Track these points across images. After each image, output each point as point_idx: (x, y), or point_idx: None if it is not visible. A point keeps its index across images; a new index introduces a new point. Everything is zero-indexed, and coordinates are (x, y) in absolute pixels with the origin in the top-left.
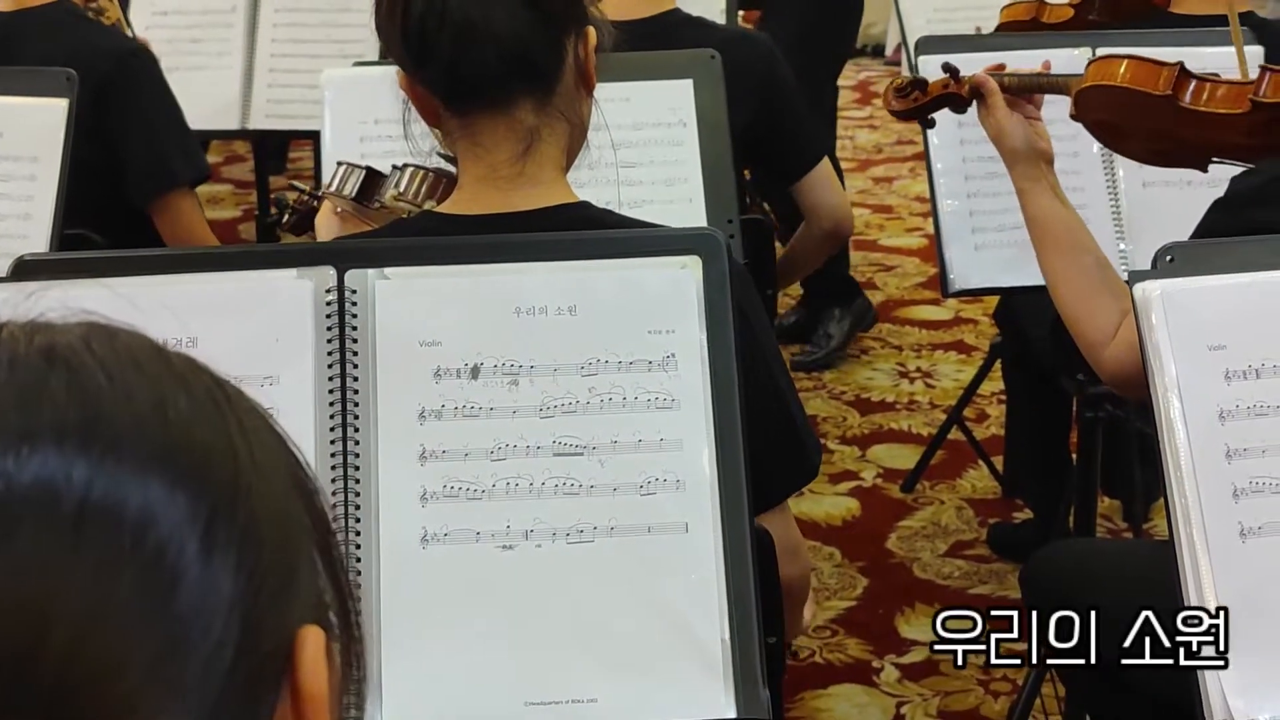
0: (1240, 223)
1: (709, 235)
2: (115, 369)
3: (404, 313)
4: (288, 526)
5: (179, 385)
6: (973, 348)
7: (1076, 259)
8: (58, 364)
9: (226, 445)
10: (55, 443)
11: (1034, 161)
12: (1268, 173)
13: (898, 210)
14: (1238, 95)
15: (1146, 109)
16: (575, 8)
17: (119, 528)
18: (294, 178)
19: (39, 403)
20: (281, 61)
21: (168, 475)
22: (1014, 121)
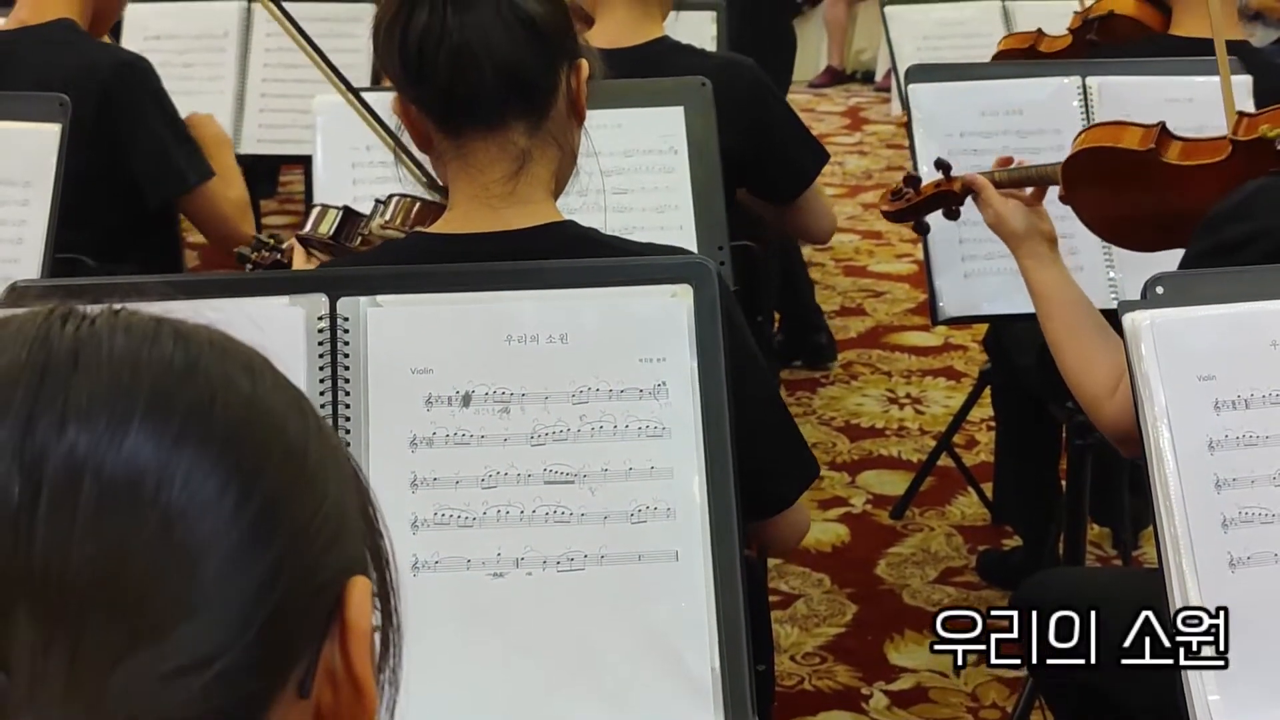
0: (1218, 238)
1: (700, 264)
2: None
3: (396, 340)
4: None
5: (268, 368)
6: (962, 374)
7: (1078, 324)
8: (167, 330)
9: (302, 437)
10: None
11: (1037, 240)
12: (1244, 190)
13: (887, 236)
14: (1217, 145)
15: (1131, 171)
16: (569, 38)
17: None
18: (285, 201)
19: (149, 359)
20: (273, 86)
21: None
22: (1010, 207)
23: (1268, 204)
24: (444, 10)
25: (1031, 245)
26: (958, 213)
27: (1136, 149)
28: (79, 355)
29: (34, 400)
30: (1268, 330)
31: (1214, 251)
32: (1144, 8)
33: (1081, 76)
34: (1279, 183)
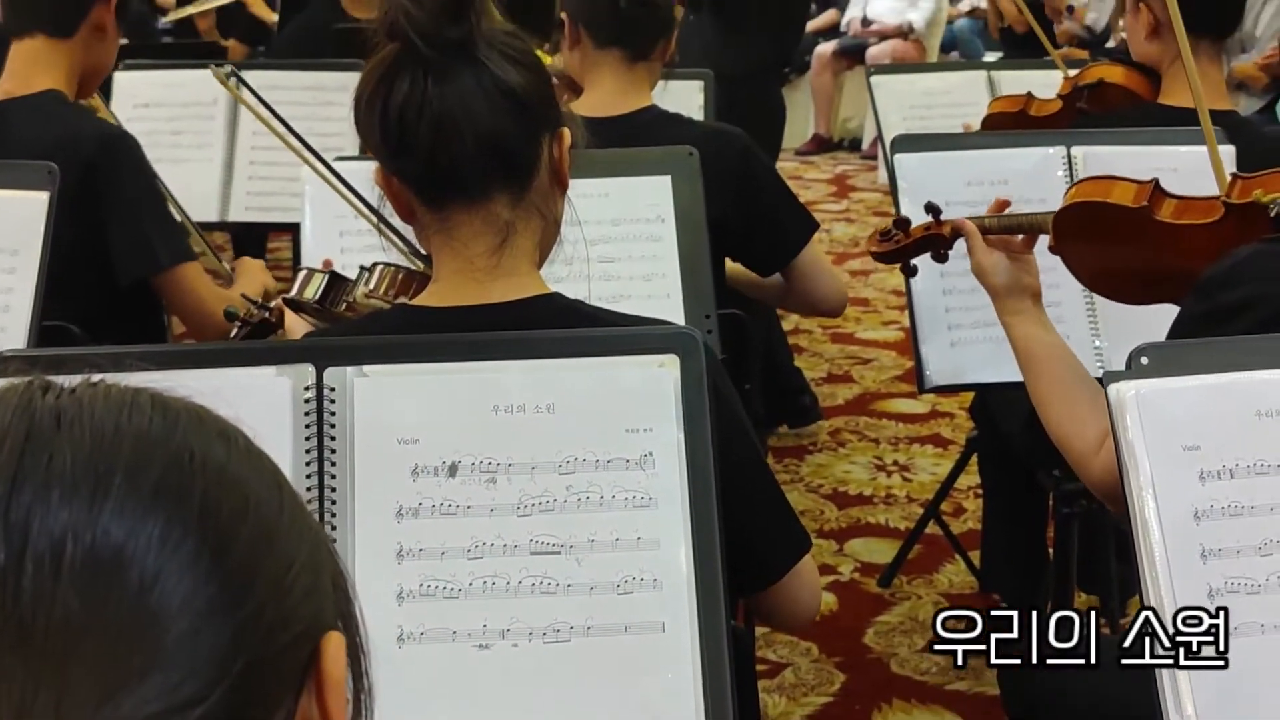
0: (1210, 305)
1: (687, 334)
2: (193, 408)
3: (382, 410)
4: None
5: (240, 435)
6: (949, 441)
7: (1062, 379)
8: (144, 396)
9: (275, 508)
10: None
11: (1018, 296)
12: (1237, 255)
13: (874, 303)
14: (1210, 205)
15: (1123, 226)
16: (552, 108)
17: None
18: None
19: (129, 420)
20: (262, 154)
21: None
22: (994, 260)
23: (1260, 270)
24: (424, 81)
25: (1014, 301)
26: (946, 256)
27: (1129, 205)
28: (61, 423)
29: (18, 467)
30: (1252, 400)
31: (1207, 316)
32: (1134, 76)
33: (1066, 146)
34: (1271, 249)
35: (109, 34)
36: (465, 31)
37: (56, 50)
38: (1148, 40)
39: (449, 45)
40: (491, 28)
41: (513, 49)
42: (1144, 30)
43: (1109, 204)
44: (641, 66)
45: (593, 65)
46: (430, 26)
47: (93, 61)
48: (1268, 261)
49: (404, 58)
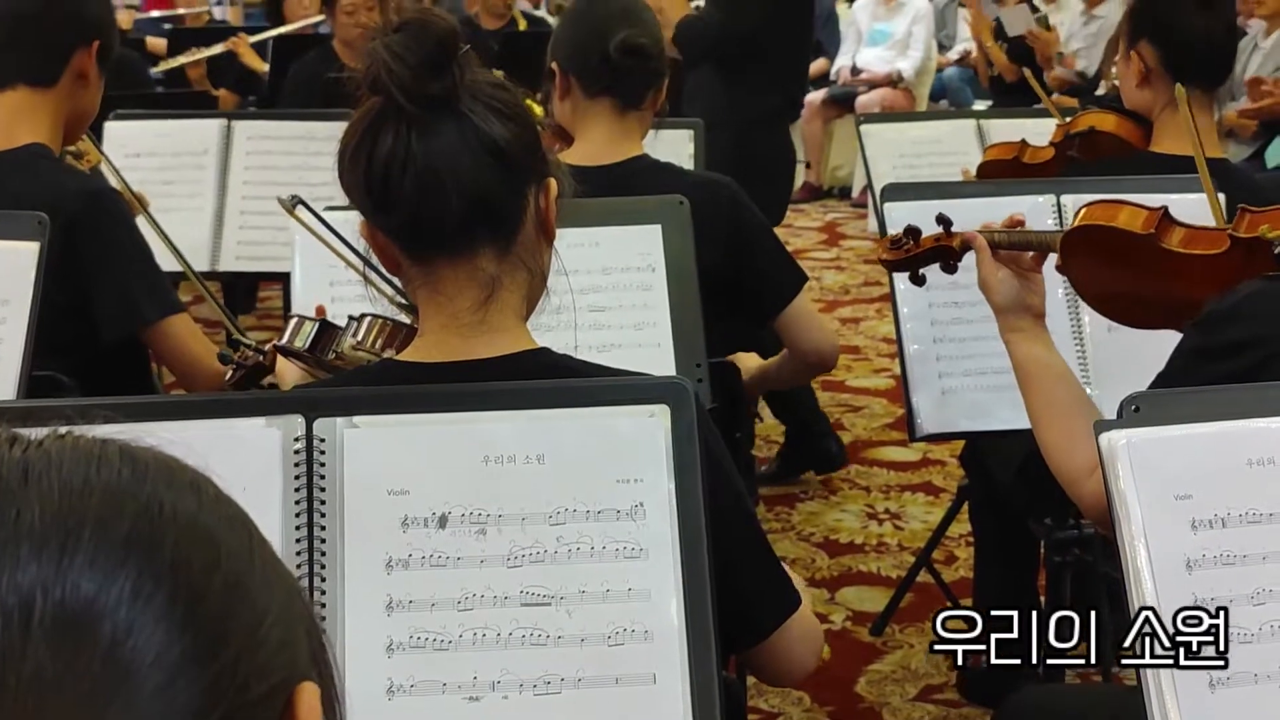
0: (1210, 339)
1: (677, 384)
2: (161, 457)
3: (372, 461)
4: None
5: (209, 484)
6: (941, 489)
7: (1059, 399)
8: (112, 448)
9: (246, 555)
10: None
11: (1021, 315)
12: (1241, 291)
13: (865, 351)
14: (1217, 236)
15: (1130, 252)
16: (537, 159)
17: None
18: (263, 317)
19: (97, 472)
20: (252, 204)
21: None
22: (1000, 277)
23: (1260, 310)
24: (408, 136)
25: (1015, 318)
26: (955, 267)
27: (1137, 232)
28: (29, 477)
29: None
30: (1243, 448)
31: (1206, 351)
32: (1125, 124)
33: (1056, 195)
34: (1273, 288)
35: (91, 80)
36: (448, 85)
37: (39, 101)
38: (1139, 88)
39: (432, 99)
40: (476, 79)
41: (498, 100)
42: (1135, 78)
43: (1117, 229)
44: (632, 116)
45: (584, 115)
46: (412, 81)
47: (77, 109)
48: (1266, 301)
49: (387, 112)
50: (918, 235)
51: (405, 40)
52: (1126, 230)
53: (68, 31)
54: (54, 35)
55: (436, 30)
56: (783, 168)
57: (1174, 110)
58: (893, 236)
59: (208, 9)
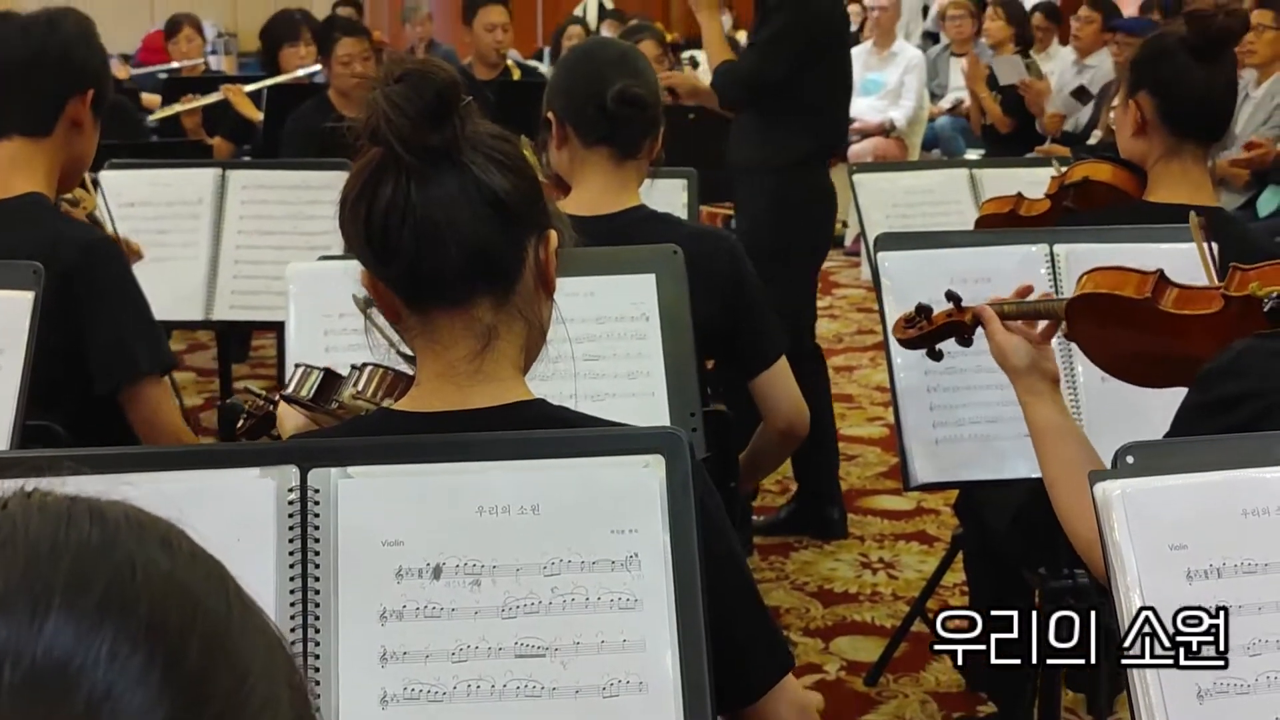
0: (1208, 398)
1: (672, 434)
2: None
3: (367, 512)
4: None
5: (184, 540)
6: (935, 538)
7: (1074, 461)
8: (82, 508)
9: (224, 610)
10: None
11: (1037, 377)
12: (1235, 349)
13: (858, 399)
14: (1210, 296)
15: (1129, 315)
16: (537, 211)
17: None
18: (257, 366)
19: (66, 535)
20: (247, 253)
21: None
22: (1014, 342)
23: (1250, 367)
24: (408, 187)
25: (1031, 381)
26: (970, 340)
27: (1134, 297)
28: None
29: None
30: (1238, 498)
31: (1204, 408)
32: (1120, 174)
33: (1049, 244)
34: (1263, 345)
35: (86, 127)
36: (448, 136)
37: (35, 150)
38: (1134, 137)
39: (432, 150)
40: (476, 130)
41: (498, 151)
42: (1131, 127)
43: (1116, 295)
44: (629, 165)
45: (581, 164)
46: (412, 132)
47: (72, 156)
48: (1259, 358)
49: (387, 162)
50: (930, 313)
51: (406, 91)
52: (1124, 296)
53: (61, 81)
54: (47, 85)
55: (437, 81)
56: (822, 212)
57: (1169, 160)
58: (906, 316)
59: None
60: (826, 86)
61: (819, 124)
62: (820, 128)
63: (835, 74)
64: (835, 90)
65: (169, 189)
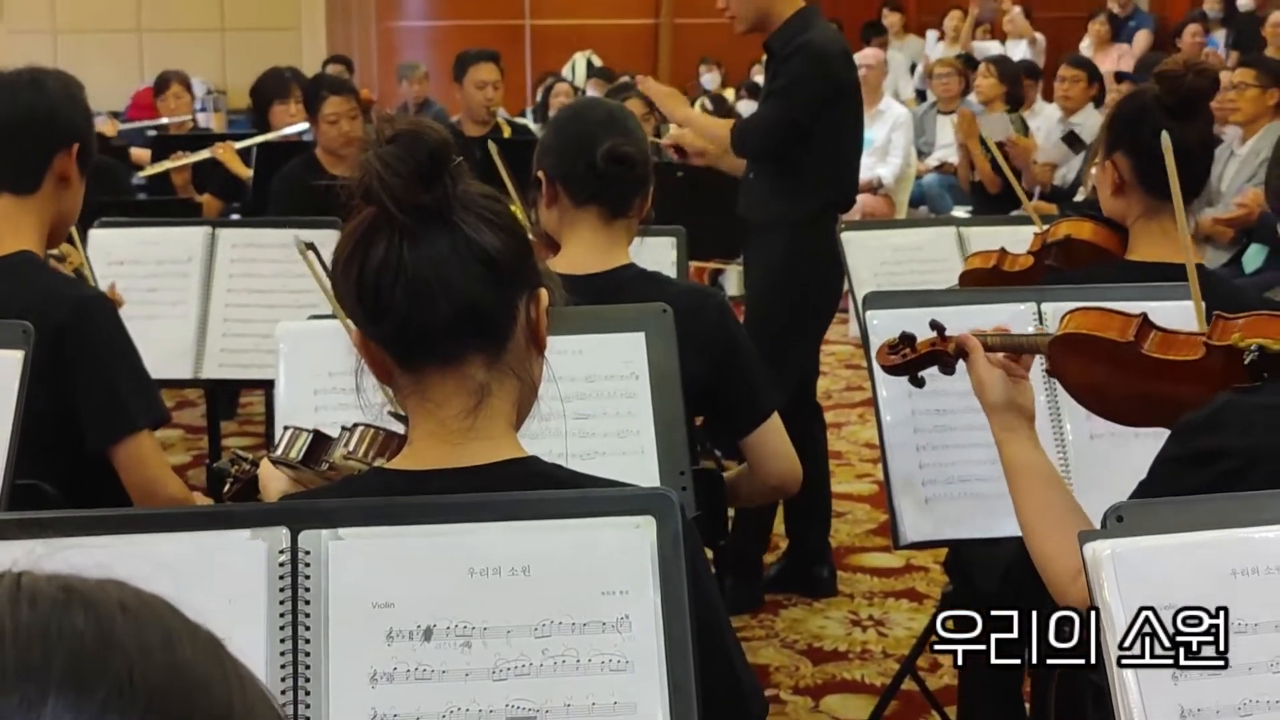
0: (1185, 451)
1: (663, 495)
2: (131, 606)
3: (357, 574)
4: None
5: (185, 628)
6: (925, 595)
7: (1047, 501)
8: (76, 601)
9: (225, 692)
10: (71, 689)
11: (1014, 414)
12: (1214, 404)
13: (847, 456)
14: (1193, 343)
15: (1113, 357)
16: (529, 269)
17: None
18: (245, 423)
19: (59, 636)
20: (236, 311)
21: None
22: (995, 377)
23: (1231, 422)
24: (400, 246)
25: (1008, 418)
26: (953, 369)
27: (1117, 339)
28: None
29: None
30: (1228, 558)
31: (1180, 461)
32: (1102, 232)
33: (1036, 303)
34: (1244, 401)
35: (73, 183)
36: (440, 196)
37: (23, 208)
38: (1114, 197)
39: (424, 209)
40: (468, 190)
41: (490, 211)
42: (1110, 187)
43: (1100, 336)
44: (619, 224)
45: (570, 222)
46: (404, 191)
47: (60, 212)
48: (1237, 413)
49: (379, 222)
50: (913, 341)
51: (398, 151)
52: (1108, 337)
53: (46, 137)
54: (34, 142)
55: (429, 141)
56: (835, 269)
57: (1149, 219)
58: (889, 342)
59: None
60: (840, 143)
61: (832, 180)
62: (833, 184)
63: (847, 130)
64: (847, 147)
65: (158, 247)
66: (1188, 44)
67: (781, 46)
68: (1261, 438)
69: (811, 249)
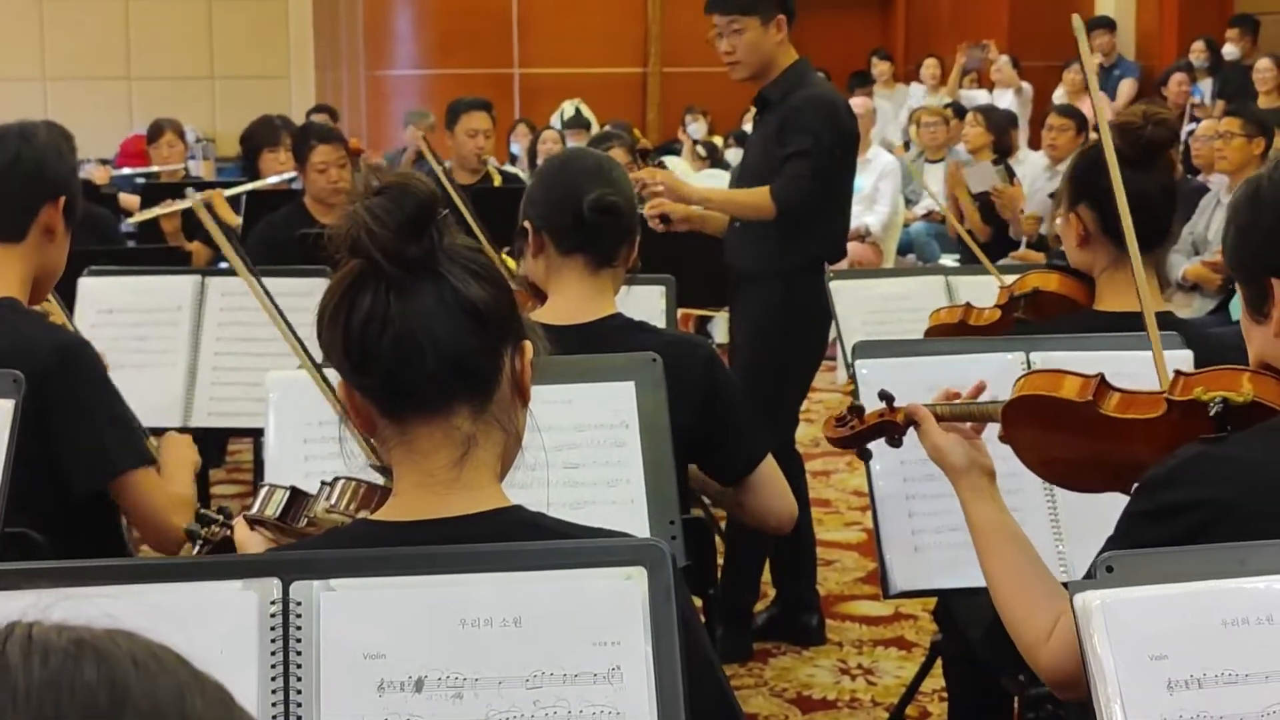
0: (1153, 505)
1: (653, 546)
2: (142, 660)
3: (349, 624)
4: None
5: (196, 681)
6: (913, 644)
7: (1015, 563)
8: (88, 655)
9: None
10: None
11: (976, 474)
12: (1180, 455)
13: (836, 504)
14: (1153, 400)
15: (1069, 418)
16: (514, 322)
17: None
18: (233, 470)
19: (71, 693)
20: (225, 360)
21: None
22: (950, 440)
23: (1200, 474)
24: (386, 297)
25: (971, 478)
26: (900, 441)
27: (1074, 400)
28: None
29: None
30: (1219, 609)
31: (1148, 515)
32: (1069, 283)
33: (1025, 352)
34: (1210, 452)
35: (58, 236)
36: (427, 248)
37: (7, 256)
38: (1080, 248)
39: (411, 261)
40: (454, 242)
41: (475, 263)
42: (1075, 239)
43: (1055, 398)
44: (605, 273)
45: (556, 272)
46: (392, 243)
47: (44, 264)
48: (1206, 465)
49: (366, 273)
50: (861, 413)
51: (385, 203)
52: (1065, 399)
53: (34, 187)
54: (22, 192)
55: (416, 194)
56: (824, 315)
57: (1115, 269)
58: (836, 415)
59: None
60: (836, 194)
61: (825, 230)
62: (826, 234)
63: (845, 182)
64: (841, 197)
65: (148, 296)
66: (1173, 93)
67: (780, 97)
68: (1229, 490)
69: (802, 298)
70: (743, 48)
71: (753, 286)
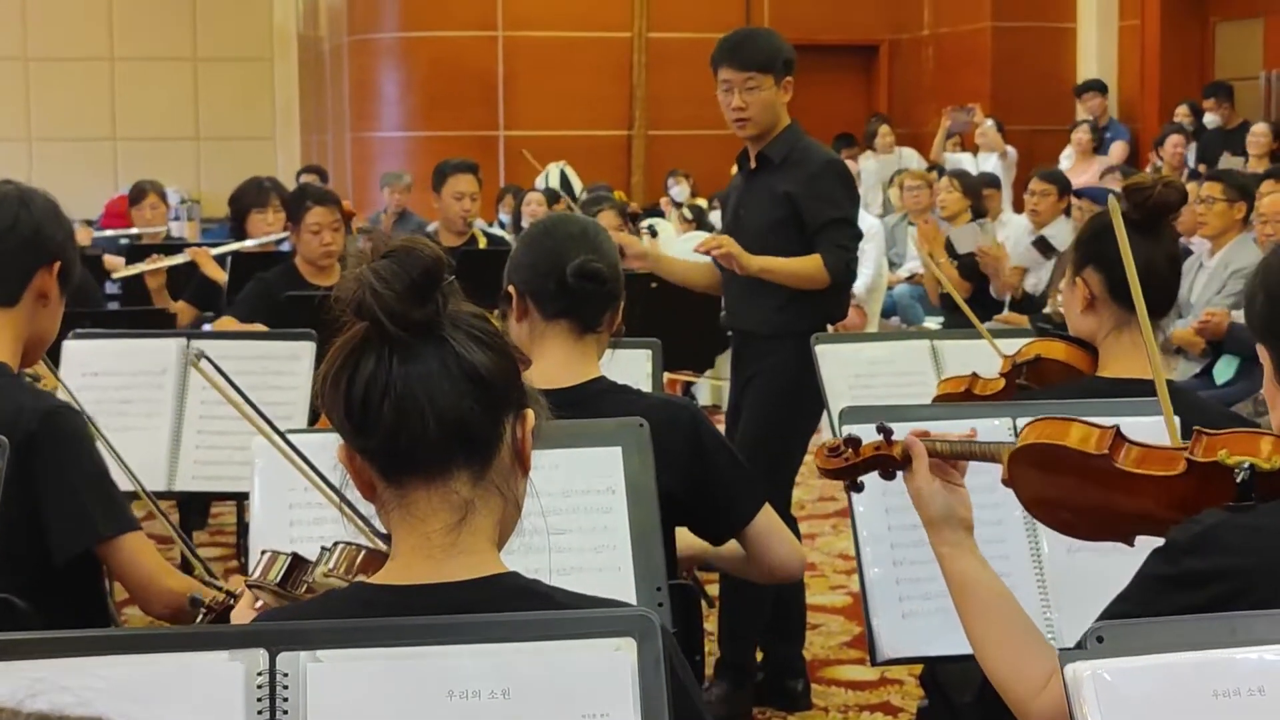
0: (1177, 570)
1: (643, 616)
2: None
3: (336, 696)
4: None
5: None
6: (899, 709)
7: (1000, 618)
8: None
9: None
10: None
11: (954, 527)
12: (1205, 521)
13: (821, 568)
14: (1172, 457)
15: (1081, 470)
16: (516, 389)
17: None
18: (216, 533)
19: None
20: (210, 424)
21: None
22: (934, 489)
23: (1227, 544)
24: (390, 361)
25: (947, 532)
26: (893, 475)
27: (1090, 452)
28: None
29: None
30: (1209, 680)
31: (1173, 580)
32: (1072, 351)
33: (1012, 417)
34: (1238, 520)
35: (52, 301)
36: (432, 312)
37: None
38: (1084, 314)
39: (415, 325)
40: (458, 308)
41: (480, 329)
42: (1080, 304)
43: (1069, 447)
44: (590, 338)
45: (541, 337)
46: (397, 306)
47: (36, 330)
48: (1236, 535)
49: (370, 336)
50: (858, 445)
51: (392, 267)
52: (1079, 450)
53: (29, 252)
54: (16, 256)
55: (423, 258)
56: None
57: (1119, 334)
58: (830, 445)
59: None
60: None
61: (833, 291)
62: (834, 295)
63: None
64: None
65: (132, 359)
66: (1169, 154)
67: (781, 156)
68: (1257, 560)
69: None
70: (757, 105)
71: (763, 347)
